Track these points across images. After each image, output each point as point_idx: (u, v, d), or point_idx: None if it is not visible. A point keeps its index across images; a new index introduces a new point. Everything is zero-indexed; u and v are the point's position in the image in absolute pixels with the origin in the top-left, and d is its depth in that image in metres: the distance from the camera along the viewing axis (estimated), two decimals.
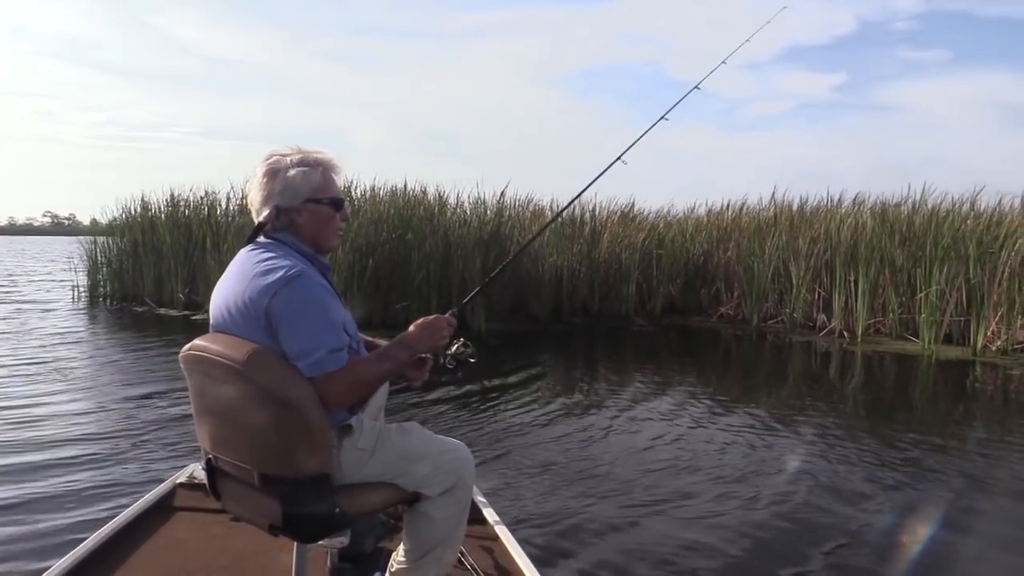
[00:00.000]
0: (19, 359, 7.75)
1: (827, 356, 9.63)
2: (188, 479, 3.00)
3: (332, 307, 1.86)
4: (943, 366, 8.83)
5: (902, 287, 10.57)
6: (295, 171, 1.90)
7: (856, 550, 3.44)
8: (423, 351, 2.00)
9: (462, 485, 2.02)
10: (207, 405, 1.90)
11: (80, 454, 4.48)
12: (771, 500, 4.04)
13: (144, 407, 5.75)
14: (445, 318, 2.03)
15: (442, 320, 2.02)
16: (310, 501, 1.79)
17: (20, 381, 6.64)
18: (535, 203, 13.87)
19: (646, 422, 5.78)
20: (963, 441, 5.56)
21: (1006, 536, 3.71)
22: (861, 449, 5.09)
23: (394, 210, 11.47)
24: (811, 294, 11.72)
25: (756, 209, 14.14)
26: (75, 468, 4.22)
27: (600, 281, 12.83)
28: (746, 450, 5.02)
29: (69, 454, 4.48)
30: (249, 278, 1.82)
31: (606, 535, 3.53)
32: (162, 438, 4.87)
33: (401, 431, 2.02)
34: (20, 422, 5.17)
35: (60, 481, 3.99)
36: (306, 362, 1.76)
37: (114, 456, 4.47)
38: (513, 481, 4.26)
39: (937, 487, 4.34)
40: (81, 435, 4.90)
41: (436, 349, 2.05)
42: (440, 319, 2.02)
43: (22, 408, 5.56)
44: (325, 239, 1.98)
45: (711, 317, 12.93)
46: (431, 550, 2.00)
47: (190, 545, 2.57)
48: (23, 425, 5.10)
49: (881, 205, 12.37)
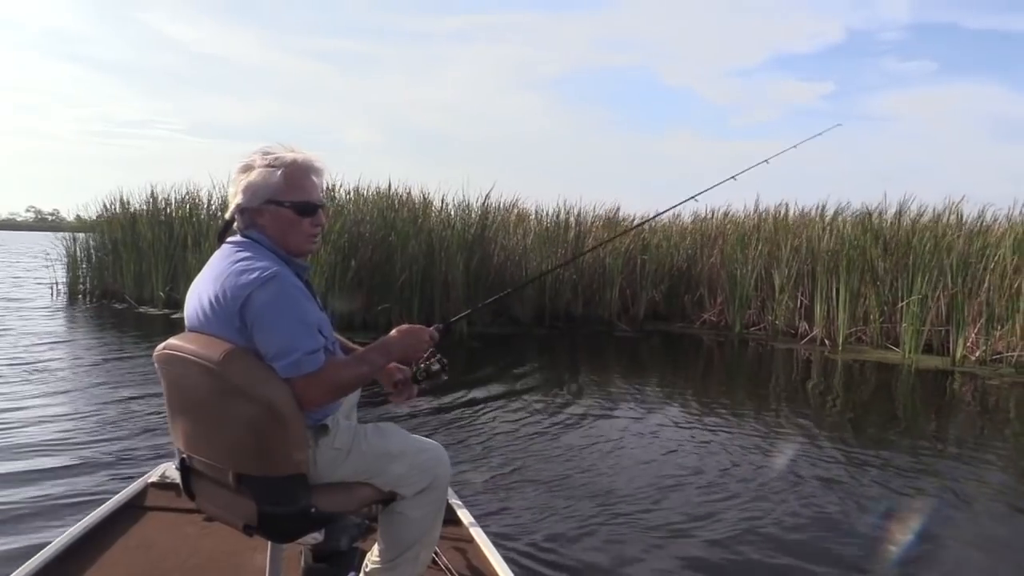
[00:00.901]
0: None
1: (808, 364, 9.67)
2: (160, 478, 2.97)
3: (308, 308, 1.84)
4: (923, 376, 8.89)
5: (883, 296, 10.64)
6: (259, 171, 1.87)
7: (832, 556, 3.43)
8: (399, 358, 1.98)
9: (438, 485, 2.02)
10: (181, 404, 1.89)
11: (50, 455, 4.39)
12: (743, 504, 4.04)
13: (118, 406, 5.66)
14: (429, 330, 2.01)
15: (425, 332, 2.00)
16: (286, 501, 1.78)
17: None
18: (520, 207, 13.89)
19: (623, 426, 5.77)
20: (940, 450, 5.58)
21: (979, 542, 3.73)
22: (838, 457, 5.09)
23: (377, 211, 11.42)
24: (793, 302, 11.78)
25: (740, 216, 14.21)
26: (45, 470, 4.13)
27: (584, 286, 12.83)
28: (722, 455, 5.02)
29: (38, 455, 4.38)
30: (224, 278, 1.79)
31: (580, 536, 3.53)
32: (135, 438, 4.79)
33: (377, 431, 2.01)
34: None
35: (29, 482, 3.90)
36: (282, 363, 1.75)
37: (86, 457, 4.39)
38: (489, 482, 4.25)
39: (914, 496, 4.34)
40: (52, 436, 4.81)
41: (412, 359, 2.03)
42: (424, 330, 2.00)
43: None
44: (293, 244, 1.92)
45: (694, 323, 12.97)
46: (406, 550, 1.99)
47: (162, 545, 2.53)
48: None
49: (863, 214, 12.44)
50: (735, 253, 12.47)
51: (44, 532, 3.16)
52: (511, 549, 3.22)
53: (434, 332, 2.02)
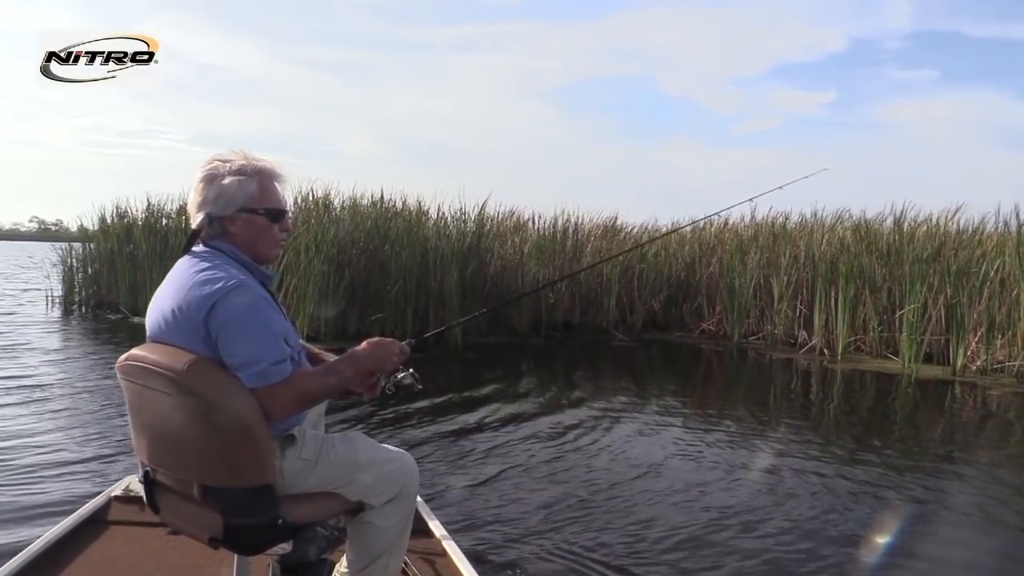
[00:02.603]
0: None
1: (807, 374, 9.57)
2: (124, 492, 2.94)
3: (273, 318, 1.83)
4: (923, 385, 8.78)
5: (882, 305, 10.54)
6: (230, 179, 1.87)
7: (824, 565, 3.35)
8: (368, 369, 1.96)
9: (406, 494, 2.02)
10: (144, 416, 1.87)
11: (17, 468, 4.29)
12: (734, 520, 3.94)
13: (94, 417, 5.58)
14: (400, 344, 2.00)
15: (395, 345, 1.99)
16: (252, 512, 1.77)
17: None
18: (517, 215, 13.81)
19: (615, 438, 5.67)
20: (939, 460, 5.48)
21: (983, 555, 3.65)
22: (836, 467, 5.00)
23: (371, 221, 11.35)
24: (792, 311, 11.69)
25: (738, 225, 14.14)
26: (9, 484, 4.03)
27: (581, 295, 12.74)
28: (715, 468, 4.93)
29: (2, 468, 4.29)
30: (187, 288, 1.79)
31: (560, 550, 3.44)
32: (107, 450, 4.72)
33: (345, 440, 2.01)
34: None
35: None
36: (247, 373, 1.74)
37: (52, 470, 4.29)
38: (464, 492, 4.19)
39: (914, 507, 4.26)
40: (19, 448, 4.70)
41: (382, 371, 2.01)
42: (394, 343, 1.99)
43: None
44: (263, 250, 1.94)
45: (692, 333, 12.87)
46: (375, 559, 1.99)
47: (125, 560, 2.48)
48: None
49: (861, 222, 12.37)
50: (734, 262, 12.39)
51: (6, 544, 3.06)
52: (482, 558, 3.18)
53: (405, 347, 2.01)
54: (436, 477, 4.41)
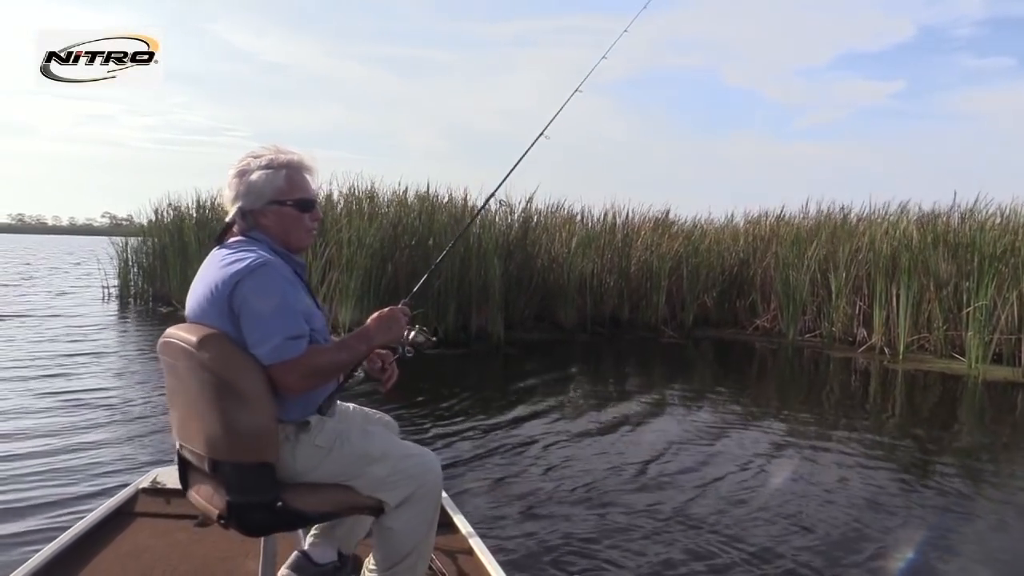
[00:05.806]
0: (26, 358, 7.73)
1: (866, 374, 9.14)
2: (151, 484, 2.95)
3: (293, 295, 1.86)
4: (990, 388, 8.27)
5: (947, 302, 10.00)
6: (259, 173, 1.94)
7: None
8: (382, 343, 2.02)
9: (425, 494, 1.98)
10: (173, 392, 1.94)
11: (47, 458, 4.31)
12: (774, 521, 3.76)
13: (139, 407, 5.63)
14: (400, 308, 2.08)
15: (397, 311, 2.06)
16: (251, 490, 1.80)
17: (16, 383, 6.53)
18: (567, 209, 13.56)
19: (660, 439, 5.45)
20: (1008, 470, 5.12)
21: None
22: (896, 475, 4.73)
23: (415, 214, 11.22)
24: (851, 307, 11.20)
25: (796, 217, 13.65)
26: (41, 475, 4.04)
27: (630, 290, 12.44)
28: (762, 473, 4.68)
29: (36, 458, 4.32)
30: (218, 269, 1.85)
31: (588, 548, 3.33)
32: (135, 443, 4.71)
33: (363, 433, 2.02)
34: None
35: (24, 487, 3.83)
36: (263, 349, 1.77)
37: (86, 461, 4.29)
38: (500, 493, 4.07)
39: (974, 519, 3.97)
40: (57, 438, 4.74)
41: (395, 340, 2.07)
42: (395, 310, 2.06)
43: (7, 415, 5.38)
44: (295, 240, 2.01)
45: (745, 330, 12.47)
46: (400, 561, 1.98)
47: (152, 551, 2.51)
48: None
49: (928, 214, 11.78)
50: (790, 256, 11.93)
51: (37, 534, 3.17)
52: (512, 561, 3.10)
53: (404, 308, 2.10)
54: (468, 472, 4.30)
